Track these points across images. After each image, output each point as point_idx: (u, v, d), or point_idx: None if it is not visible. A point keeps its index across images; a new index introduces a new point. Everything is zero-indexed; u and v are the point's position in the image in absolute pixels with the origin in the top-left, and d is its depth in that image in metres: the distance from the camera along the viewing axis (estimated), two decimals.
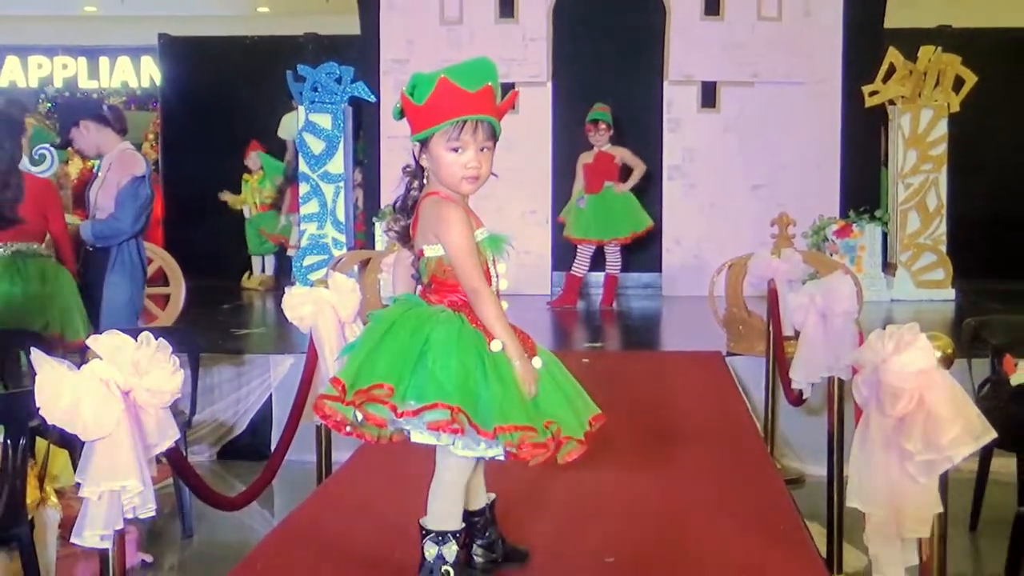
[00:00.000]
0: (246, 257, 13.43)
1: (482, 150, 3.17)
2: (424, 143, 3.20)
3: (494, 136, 3.21)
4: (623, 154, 10.77)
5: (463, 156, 3.15)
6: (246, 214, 13.39)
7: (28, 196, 6.49)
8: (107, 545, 2.74)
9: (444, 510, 3.23)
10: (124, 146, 7.20)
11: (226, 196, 13.39)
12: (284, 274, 12.87)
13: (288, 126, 12.72)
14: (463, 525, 3.28)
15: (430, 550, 3.21)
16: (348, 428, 3.13)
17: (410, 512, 3.32)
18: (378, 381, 3.00)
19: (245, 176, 13.38)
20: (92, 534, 2.70)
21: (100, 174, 7.19)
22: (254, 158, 13.33)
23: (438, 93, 3.11)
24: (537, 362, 3.14)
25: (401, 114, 3.26)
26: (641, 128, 11.64)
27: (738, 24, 11.67)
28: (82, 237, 6.99)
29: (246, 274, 13.39)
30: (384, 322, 3.16)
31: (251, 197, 13.33)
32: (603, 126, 10.59)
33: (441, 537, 3.21)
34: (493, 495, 3.47)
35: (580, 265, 10.79)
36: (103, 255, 6.99)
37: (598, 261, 10.87)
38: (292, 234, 12.61)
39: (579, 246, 10.74)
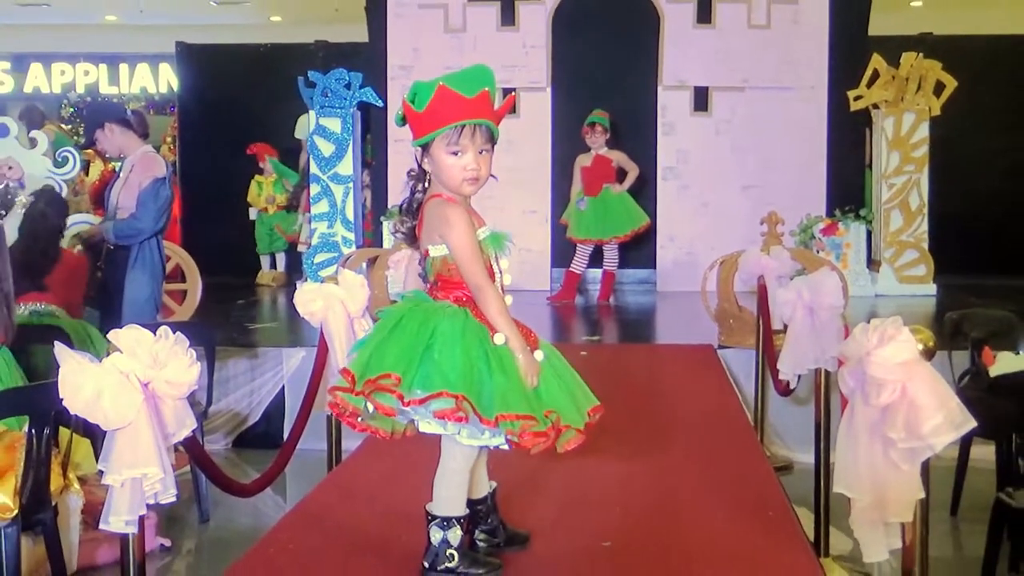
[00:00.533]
0: (255, 254, 13.60)
1: (481, 153, 3.19)
2: (426, 148, 3.23)
3: (492, 139, 3.23)
4: (619, 158, 10.92)
5: (463, 159, 3.18)
6: (252, 215, 13.54)
7: (63, 268, 6.74)
8: (132, 530, 2.78)
9: (449, 496, 3.26)
10: (145, 148, 7.30)
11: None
12: (295, 271, 12.99)
13: (304, 127, 12.81)
14: (467, 511, 3.32)
15: (436, 535, 3.26)
16: (360, 420, 3.21)
17: (416, 498, 3.37)
18: (386, 371, 3.04)
19: (257, 178, 13.52)
20: (117, 519, 2.74)
21: (122, 175, 7.27)
22: (268, 163, 13.49)
23: (437, 99, 3.14)
24: (539, 355, 3.18)
25: (403, 120, 3.27)
26: (636, 131, 11.84)
27: (729, 32, 11.90)
28: (104, 236, 7.11)
29: (261, 271, 13.58)
30: (392, 317, 3.20)
31: (261, 199, 13.50)
32: (600, 129, 10.78)
33: (446, 522, 3.25)
34: (495, 483, 3.51)
35: (579, 263, 10.97)
36: (124, 253, 7.09)
37: (596, 258, 10.99)
38: (303, 232, 12.82)
39: (579, 245, 10.95)
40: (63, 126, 18.07)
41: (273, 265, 13.67)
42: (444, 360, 3.07)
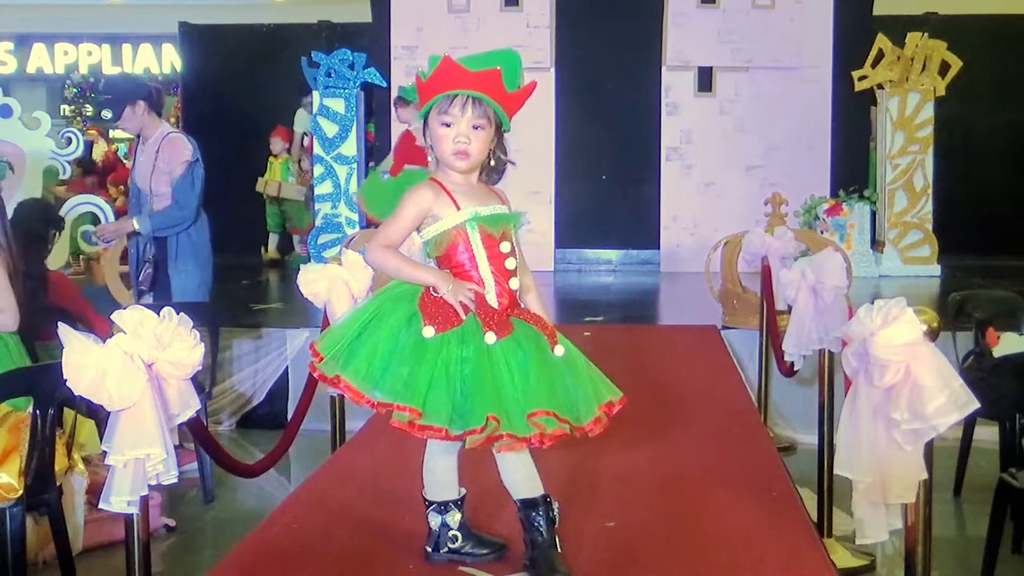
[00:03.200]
0: (260, 234, 13.62)
1: (475, 128, 3.10)
2: (426, 121, 3.17)
3: (491, 117, 3.13)
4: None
5: (453, 130, 3.09)
6: (273, 192, 13.43)
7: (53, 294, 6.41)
8: (133, 510, 2.76)
9: (435, 481, 3.27)
10: (166, 129, 7.06)
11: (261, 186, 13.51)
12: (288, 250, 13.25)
13: (303, 120, 12.93)
14: (463, 492, 3.29)
15: (434, 520, 3.27)
16: None
17: (419, 479, 3.34)
18: (317, 351, 3.08)
19: (271, 159, 13.52)
20: (119, 500, 2.72)
21: (144, 158, 7.02)
22: (277, 143, 13.46)
23: (439, 69, 3.08)
24: (559, 350, 3.08)
25: (414, 93, 3.22)
26: (640, 111, 11.93)
27: (733, 12, 11.95)
28: (140, 231, 6.89)
29: (263, 248, 13.61)
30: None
31: (280, 175, 13.46)
32: (402, 103, 9.89)
33: (443, 506, 3.25)
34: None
35: None
36: (162, 240, 6.92)
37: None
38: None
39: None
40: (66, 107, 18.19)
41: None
42: (359, 346, 3.04)
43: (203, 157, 7.04)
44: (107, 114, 6.65)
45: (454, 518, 3.27)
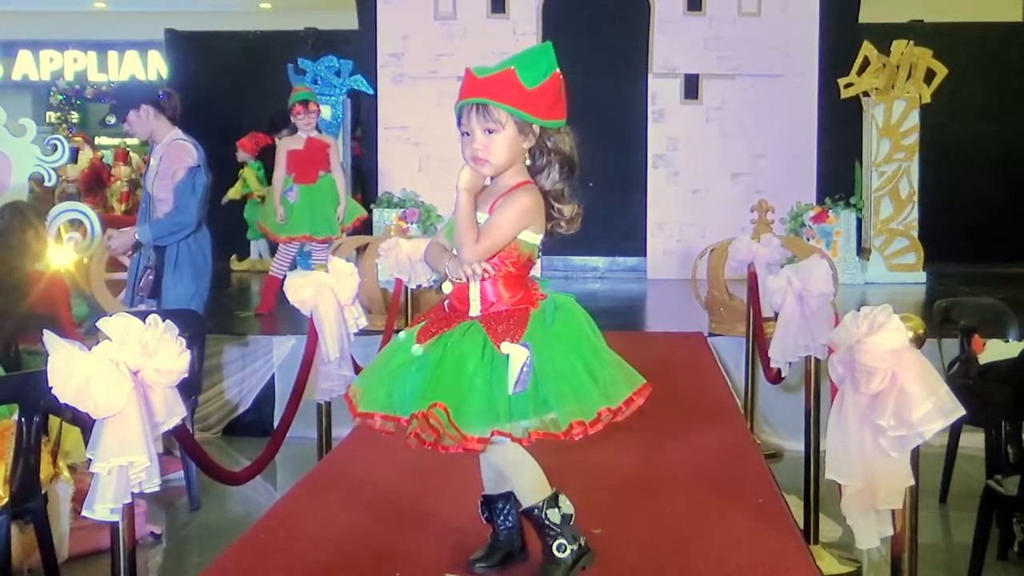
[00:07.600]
0: (237, 241, 13.54)
1: (488, 133, 3.01)
2: None
3: (503, 121, 3.00)
4: (334, 147, 9.54)
5: (471, 139, 3.03)
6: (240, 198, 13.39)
7: (44, 296, 6.36)
8: (117, 518, 2.75)
9: (529, 484, 3.16)
10: (174, 135, 6.95)
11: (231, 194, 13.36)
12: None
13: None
14: (552, 489, 3.16)
15: (555, 516, 3.13)
16: None
17: (407, 486, 3.35)
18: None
19: (243, 170, 13.48)
20: (103, 507, 2.71)
21: (152, 162, 6.99)
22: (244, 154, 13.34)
23: (462, 82, 3.06)
24: (418, 350, 3.05)
25: None
26: (626, 119, 11.94)
27: (719, 19, 11.99)
28: (141, 241, 6.82)
29: (233, 256, 13.50)
30: None
31: (251, 186, 13.41)
32: (313, 107, 9.33)
33: (553, 499, 3.14)
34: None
35: (282, 265, 9.33)
36: (161, 248, 6.83)
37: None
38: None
39: (282, 244, 9.42)
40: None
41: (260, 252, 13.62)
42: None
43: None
44: (111, 119, 6.58)
45: (567, 503, 3.16)
